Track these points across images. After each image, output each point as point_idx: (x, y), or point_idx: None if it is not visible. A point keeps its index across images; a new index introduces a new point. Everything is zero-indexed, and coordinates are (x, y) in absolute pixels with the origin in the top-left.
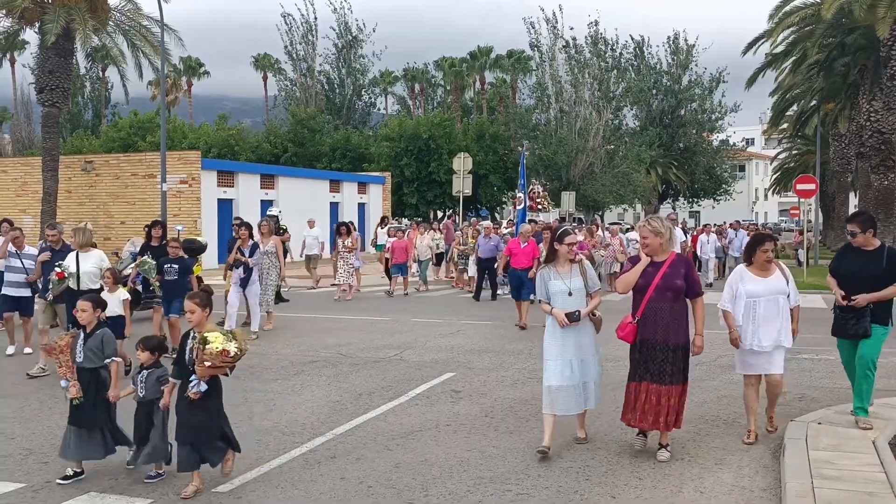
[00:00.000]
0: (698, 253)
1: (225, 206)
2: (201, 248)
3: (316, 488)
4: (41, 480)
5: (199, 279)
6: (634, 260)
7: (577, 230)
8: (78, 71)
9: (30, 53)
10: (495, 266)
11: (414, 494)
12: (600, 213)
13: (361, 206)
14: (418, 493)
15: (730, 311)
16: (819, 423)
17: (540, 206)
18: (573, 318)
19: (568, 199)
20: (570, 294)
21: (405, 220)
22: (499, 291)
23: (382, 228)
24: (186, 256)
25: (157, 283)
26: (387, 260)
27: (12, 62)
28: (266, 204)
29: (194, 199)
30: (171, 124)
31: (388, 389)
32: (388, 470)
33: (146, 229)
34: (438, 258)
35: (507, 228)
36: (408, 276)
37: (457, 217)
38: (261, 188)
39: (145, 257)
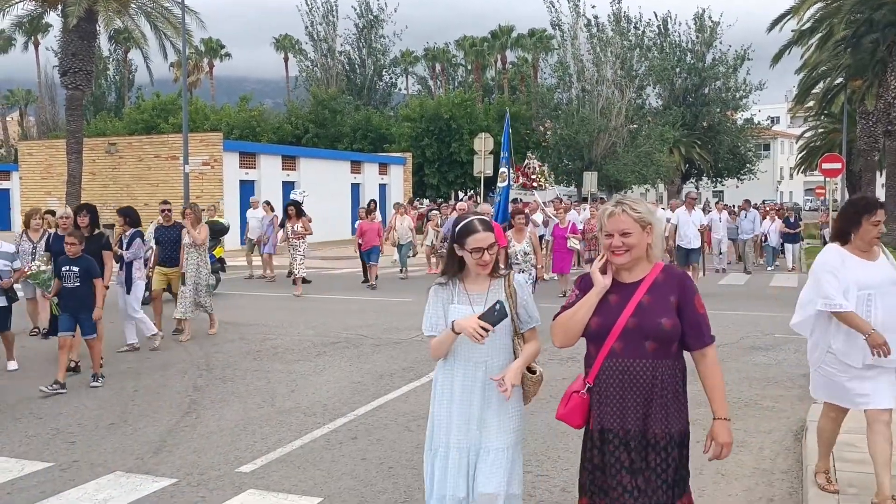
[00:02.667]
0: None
1: (247, 187)
2: (224, 229)
3: (337, 469)
4: (68, 460)
5: (222, 260)
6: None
7: (554, 208)
8: (101, 53)
9: (53, 36)
10: (379, 248)
11: None
12: (623, 193)
13: (382, 187)
14: None
15: (850, 309)
16: None
17: (536, 184)
18: (493, 317)
19: (590, 178)
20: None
21: (426, 201)
22: None
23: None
24: (89, 256)
25: (55, 300)
26: (359, 245)
27: (36, 45)
28: (288, 185)
29: (216, 181)
30: (193, 106)
31: (409, 370)
32: (408, 451)
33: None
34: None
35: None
36: (377, 262)
37: (478, 198)
38: (282, 169)
39: (38, 264)
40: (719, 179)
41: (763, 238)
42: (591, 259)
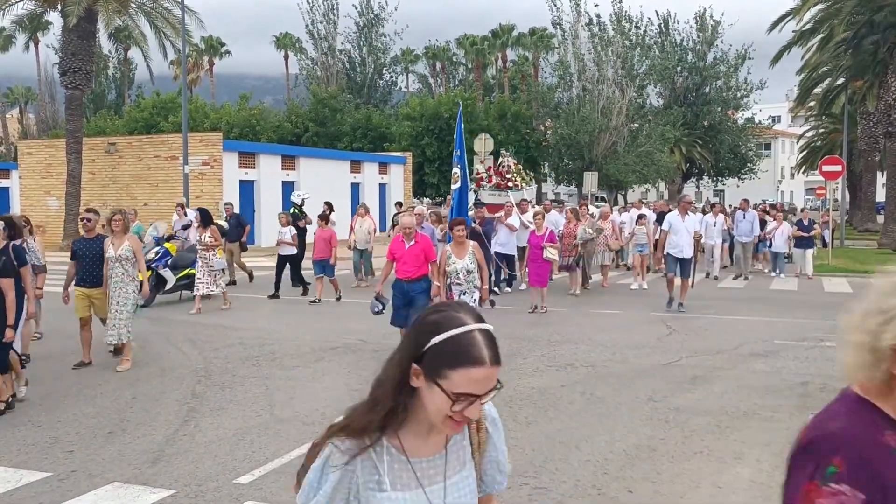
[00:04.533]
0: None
1: (247, 187)
2: (224, 231)
3: None
4: (67, 470)
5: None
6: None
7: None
8: (101, 51)
9: (54, 34)
10: (330, 261)
11: None
12: (623, 193)
13: (382, 187)
14: None
15: None
16: None
17: (512, 184)
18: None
19: (590, 178)
20: None
21: (426, 200)
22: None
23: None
24: None
25: None
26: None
27: (36, 43)
28: (287, 185)
29: (216, 181)
30: (193, 104)
31: None
32: None
33: None
34: None
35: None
36: (333, 275)
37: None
38: (282, 169)
39: None
40: (720, 179)
41: (768, 241)
42: (569, 267)
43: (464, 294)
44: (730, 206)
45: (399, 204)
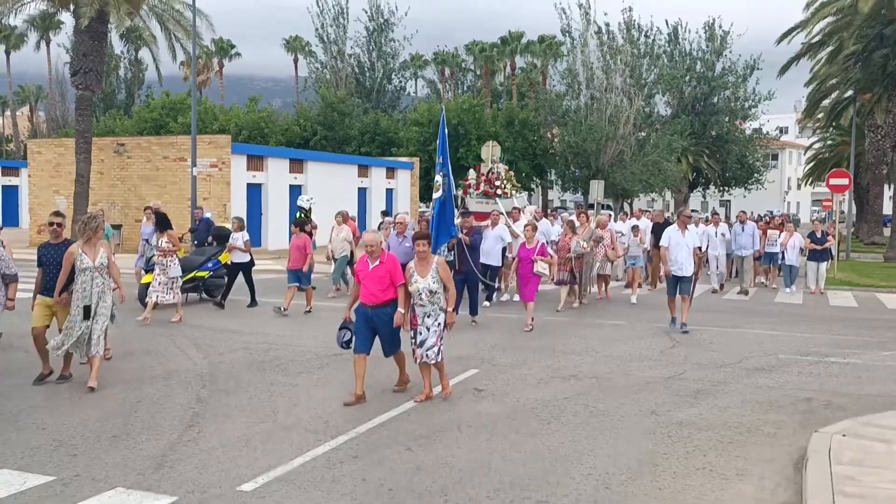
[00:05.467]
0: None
1: (254, 190)
2: (230, 234)
3: (337, 489)
4: (70, 474)
5: (227, 266)
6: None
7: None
8: (112, 51)
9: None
10: (304, 269)
11: (434, 499)
12: (629, 201)
13: (389, 192)
14: (438, 498)
15: None
16: (843, 436)
17: (501, 192)
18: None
19: (597, 187)
20: None
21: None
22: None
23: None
24: None
25: None
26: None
27: (48, 42)
28: (295, 189)
29: (224, 184)
30: (202, 106)
31: (412, 386)
32: (408, 472)
33: None
34: None
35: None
36: (309, 284)
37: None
38: (290, 172)
39: None
40: (727, 189)
41: (780, 255)
42: (563, 281)
43: (428, 317)
44: (725, 217)
45: (385, 213)
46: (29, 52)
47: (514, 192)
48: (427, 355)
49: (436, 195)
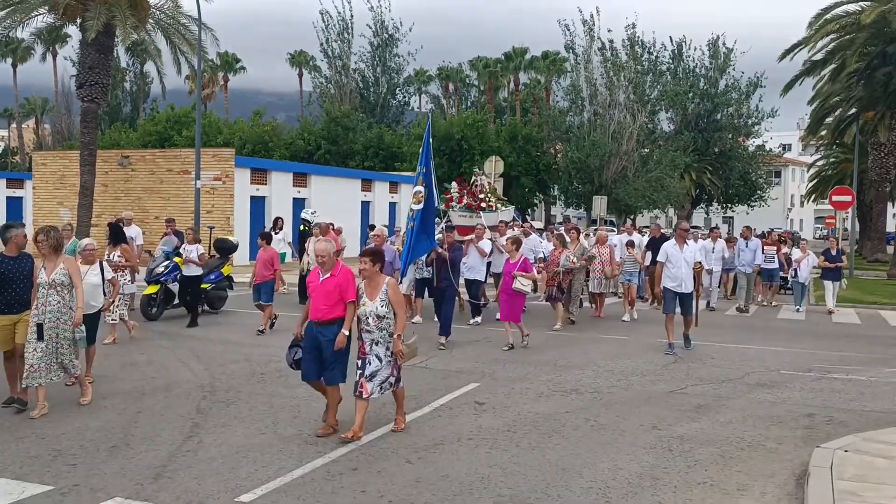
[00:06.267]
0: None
1: (258, 203)
2: (233, 247)
3: (337, 501)
4: (69, 483)
5: (230, 278)
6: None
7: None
8: (118, 65)
9: (71, 47)
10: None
11: None
12: (632, 217)
13: (392, 206)
14: None
15: None
16: (846, 451)
17: (485, 205)
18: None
19: (600, 202)
20: None
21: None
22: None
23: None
24: None
25: None
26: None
27: (54, 55)
28: (298, 202)
29: (227, 197)
30: (207, 119)
31: (412, 399)
32: (408, 484)
33: None
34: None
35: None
36: (270, 301)
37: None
38: (293, 186)
39: None
40: (730, 206)
41: (793, 273)
42: (552, 297)
43: (376, 344)
44: (728, 233)
45: (372, 227)
46: (35, 64)
47: (499, 205)
48: (378, 390)
49: (416, 206)
